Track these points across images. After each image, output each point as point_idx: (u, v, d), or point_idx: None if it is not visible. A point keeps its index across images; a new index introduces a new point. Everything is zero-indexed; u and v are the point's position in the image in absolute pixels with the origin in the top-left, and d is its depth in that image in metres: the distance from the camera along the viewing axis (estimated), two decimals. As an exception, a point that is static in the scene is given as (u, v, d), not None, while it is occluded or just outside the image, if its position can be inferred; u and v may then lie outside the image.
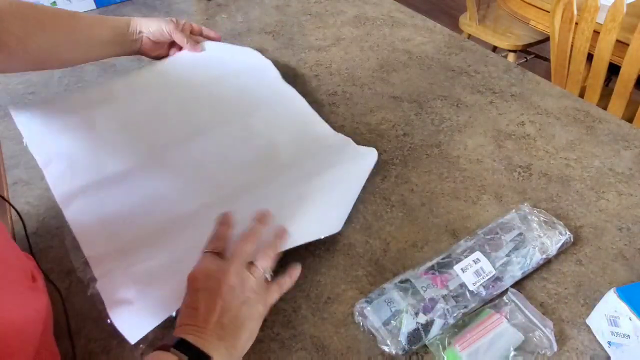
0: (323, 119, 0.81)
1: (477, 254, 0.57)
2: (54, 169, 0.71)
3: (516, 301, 0.55)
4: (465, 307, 0.54)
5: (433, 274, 0.55)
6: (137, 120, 0.79)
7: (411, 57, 1.00)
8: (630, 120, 0.97)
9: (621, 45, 1.28)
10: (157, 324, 0.52)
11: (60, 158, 0.72)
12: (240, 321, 0.45)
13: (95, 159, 0.72)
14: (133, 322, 0.52)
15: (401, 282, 0.55)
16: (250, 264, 0.49)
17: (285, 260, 0.57)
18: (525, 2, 1.63)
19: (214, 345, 0.42)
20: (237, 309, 0.45)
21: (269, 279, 0.50)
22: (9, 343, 0.38)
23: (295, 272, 0.54)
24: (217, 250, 0.50)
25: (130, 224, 0.64)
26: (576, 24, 1.34)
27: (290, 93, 0.85)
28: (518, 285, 0.58)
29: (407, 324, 0.51)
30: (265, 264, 0.50)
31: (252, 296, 0.47)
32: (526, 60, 2.34)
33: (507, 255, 0.58)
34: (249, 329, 0.45)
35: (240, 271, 0.47)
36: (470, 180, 0.73)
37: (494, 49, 2.03)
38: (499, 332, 0.52)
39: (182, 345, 0.42)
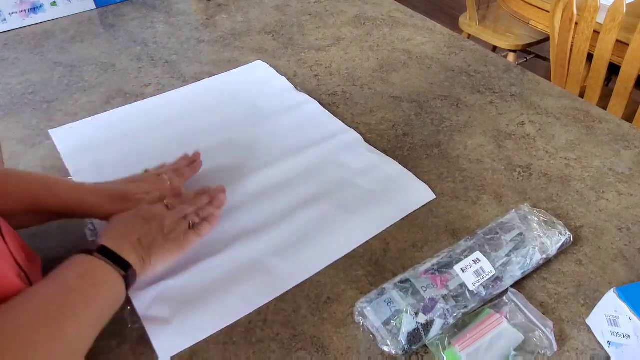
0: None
1: (477, 254, 0.57)
2: (83, 175, 0.73)
3: (516, 301, 0.55)
4: (465, 307, 0.54)
5: (433, 274, 0.55)
6: (166, 135, 0.81)
7: (411, 57, 1.00)
8: (630, 120, 0.97)
9: (621, 45, 1.28)
10: (189, 345, 0.53)
11: (90, 166, 0.75)
12: (155, 247, 0.55)
13: (123, 166, 0.73)
14: (168, 341, 0.54)
15: (401, 282, 0.55)
16: (184, 217, 0.60)
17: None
18: (525, 2, 1.63)
19: (129, 252, 0.52)
20: (157, 239, 0.55)
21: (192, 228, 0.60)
22: None
23: (214, 219, 0.61)
24: (171, 206, 0.61)
25: None
26: (576, 24, 1.33)
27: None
28: (518, 285, 0.58)
29: (407, 324, 0.51)
30: (193, 219, 0.60)
31: (174, 238, 0.57)
32: (526, 60, 2.33)
33: (507, 255, 0.58)
34: (160, 255, 0.55)
35: (175, 220, 0.58)
36: (470, 180, 0.73)
37: (494, 49, 2.03)
38: (499, 332, 0.52)
39: (103, 252, 0.50)
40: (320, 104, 0.87)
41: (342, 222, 0.66)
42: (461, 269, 0.56)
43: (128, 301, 0.56)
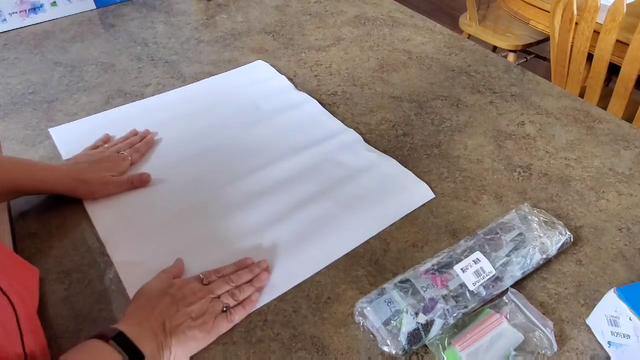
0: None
1: (477, 254, 0.57)
2: None
3: (516, 301, 0.55)
4: (465, 307, 0.54)
5: (433, 274, 0.55)
6: (166, 132, 0.81)
7: (411, 57, 1.00)
8: (630, 120, 0.97)
9: (621, 45, 1.28)
10: None
11: None
12: (179, 334, 0.50)
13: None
14: None
15: (401, 282, 0.55)
16: (217, 297, 0.55)
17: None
18: (525, 2, 1.63)
19: (148, 340, 0.48)
20: (182, 325, 0.51)
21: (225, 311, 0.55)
22: None
23: (251, 304, 0.56)
24: (207, 281, 0.57)
25: (161, 241, 0.64)
26: (576, 24, 1.33)
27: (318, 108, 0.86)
28: (518, 285, 0.58)
29: (407, 324, 0.51)
30: (228, 302, 0.55)
31: (201, 324, 0.52)
32: (526, 60, 2.33)
33: (507, 255, 0.58)
34: (183, 344, 0.51)
35: (206, 302, 0.54)
36: (470, 180, 0.73)
37: (494, 49, 2.03)
38: (499, 332, 0.52)
39: (118, 339, 0.46)
40: (320, 104, 0.87)
41: (342, 222, 0.66)
42: (461, 269, 0.56)
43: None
